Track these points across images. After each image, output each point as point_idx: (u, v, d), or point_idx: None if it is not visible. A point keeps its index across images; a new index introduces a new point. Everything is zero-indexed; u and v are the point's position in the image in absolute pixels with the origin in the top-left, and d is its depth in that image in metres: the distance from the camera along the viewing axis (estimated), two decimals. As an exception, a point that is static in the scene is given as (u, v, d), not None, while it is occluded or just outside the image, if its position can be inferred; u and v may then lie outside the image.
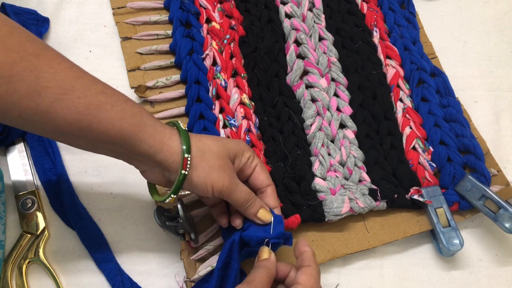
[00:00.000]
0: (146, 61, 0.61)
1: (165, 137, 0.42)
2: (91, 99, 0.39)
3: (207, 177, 0.43)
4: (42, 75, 0.37)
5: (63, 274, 0.51)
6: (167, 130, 0.43)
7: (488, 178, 0.59)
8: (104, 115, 0.39)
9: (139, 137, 0.41)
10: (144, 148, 0.41)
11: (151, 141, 0.41)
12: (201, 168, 0.43)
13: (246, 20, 0.65)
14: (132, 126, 0.40)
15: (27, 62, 0.36)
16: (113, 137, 0.40)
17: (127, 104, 0.41)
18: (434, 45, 0.72)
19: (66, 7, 0.64)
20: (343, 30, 0.67)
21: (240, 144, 0.47)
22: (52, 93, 0.37)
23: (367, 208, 0.56)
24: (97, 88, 0.40)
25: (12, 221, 0.53)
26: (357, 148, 0.60)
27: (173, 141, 0.42)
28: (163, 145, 0.42)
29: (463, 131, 0.63)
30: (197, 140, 0.43)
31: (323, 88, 0.62)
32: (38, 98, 0.37)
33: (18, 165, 0.54)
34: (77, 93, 0.38)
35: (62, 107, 0.37)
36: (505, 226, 0.55)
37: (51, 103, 0.37)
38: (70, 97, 0.38)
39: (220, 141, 0.45)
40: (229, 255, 0.47)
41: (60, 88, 0.37)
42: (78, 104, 0.38)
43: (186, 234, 0.49)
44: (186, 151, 0.42)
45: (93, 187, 0.55)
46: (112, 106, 0.40)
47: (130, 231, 0.54)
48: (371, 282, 0.56)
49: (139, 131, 0.41)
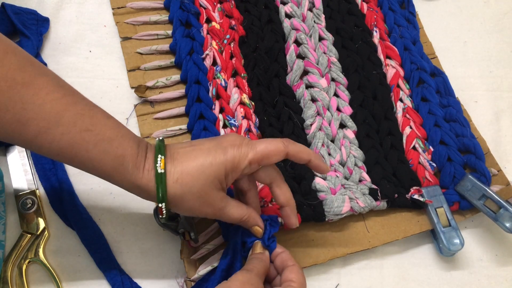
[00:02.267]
0: (146, 61, 0.61)
1: (142, 183, 0.41)
2: (75, 137, 0.39)
3: (190, 212, 0.44)
4: (28, 106, 0.37)
5: (63, 274, 0.51)
6: (144, 175, 0.41)
7: (488, 177, 0.59)
8: (85, 155, 0.39)
9: (116, 179, 0.41)
10: (125, 187, 0.42)
11: (129, 186, 0.42)
12: (181, 208, 0.43)
13: (246, 20, 0.65)
14: (112, 169, 0.40)
15: (14, 91, 0.36)
16: (95, 173, 0.41)
17: (111, 145, 0.40)
18: (434, 45, 0.72)
19: (66, 7, 0.64)
20: (343, 30, 0.67)
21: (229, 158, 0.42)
22: (36, 125, 0.37)
23: (368, 207, 0.56)
24: (83, 124, 0.39)
25: (12, 221, 0.52)
26: (357, 148, 0.60)
27: (149, 189, 0.41)
28: (140, 191, 0.42)
29: (463, 131, 0.63)
30: (175, 181, 0.41)
31: (323, 88, 0.62)
32: (23, 129, 0.37)
33: (18, 165, 0.54)
34: (61, 128, 0.38)
35: (46, 141, 0.38)
36: (505, 225, 0.55)
37: (35, 135, 0.37)
38: (53, 132, 0.38)
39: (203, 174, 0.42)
40: (233, 256, 0.47)
41: (44, 121, 0.37)
42: (61, 140, 0.38)
43: (186, 233, 0.49)
44: (160, 202, 0.42)
45: (93, 187, 0.55)
46: (95, 146, 0.39)
47: (130, 231, 0.54)
48: (371, 282, 0.56)
49: (117, 175, 0.41)
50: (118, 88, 0.60)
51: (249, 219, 0.46)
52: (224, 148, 0.43)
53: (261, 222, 0.47)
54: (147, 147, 0.43)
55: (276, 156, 0.44)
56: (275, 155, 0.44)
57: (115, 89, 0.60)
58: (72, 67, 0.60)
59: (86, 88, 0.59)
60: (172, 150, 0.43)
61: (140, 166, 0.41)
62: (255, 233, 0.47)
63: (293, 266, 0.44)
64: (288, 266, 0.44)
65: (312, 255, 0.54)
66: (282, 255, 0.46)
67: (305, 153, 0.45)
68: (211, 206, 0.43)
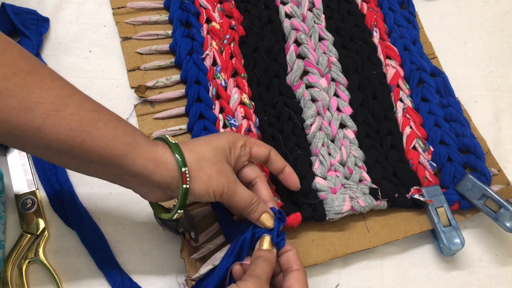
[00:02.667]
0: (146, 61, 0.61)
1: (159, 155, 0.41)
2: (84, 116, 0.38)
3: (208, 185, 0.43)
4: (34, 91, 0.36)
5: (63, 274, 0.51)
6: (160, 148, 0.42)
7: (488, 177, 0.59)
8: (97, 132, 0.38)
9: (132, 157, 0.40)
10: (139, 169, 0.40)
11: (145, 161, 0.40)
12: (200, 178, 0.43)
13: (246, 20, 0.65)
14: (125, 146, 0.40)
15: (19, 78, 0.36)
16: (106, 156, 0.39)
17: (120, 123, 0.41)
18: (434, 45, 0.72)
19: (66, 7, 0.64)
20: (343, 30, 0.67)
21: (229, 137, 0.46)
22: (44, 109, 0.36)
23: (368, 207, 0.56)
24: (90, 106, 0.39)
25: (12, 221, 0.52)
26: (357, 147, 0.60)
27: (167, 158, 0.42)
28: (158, 164, 0.41)
29: (463, 130, 0.63)
30: (189, 150, 0.43)
31: (323, 88, 0.62)
32: (30, 114, 0.36)
33: (18, 165, 0.54)
34: (70, 109, 0.37)
35: (54, 124, 0.37)
36: (506, 225, 0.55)
37: (43, 119, 0.36)
38: (62, 114, 0.37)
39: (211, 144, 0.44)
40: (239, 253, 0.46)
41: (52, 104, 0.37)
42: (70, 121, 0.37)
43: (186, 233, 0.49)
44: (183, 165, 0.41)
45: (93, 187, 0.55)
46: (105, 124, 0.39)
47: (130, 231, 0.54)
48: (371, 282, 0.56)
49: (132, 150, 0.40)
50: (118, 88, 0.60)
51: (259, 203, 0.46)
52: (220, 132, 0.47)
53: (270, 211, 0.47)
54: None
55: (264, 148, 0.48)
56: (263, 147, 0.49)
57: (115, 89, 0.60)
58: (72, 67, 0.60)
59: (86, 88, 0.58)
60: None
61: (151, 141, 0.42)
62: (264, 222, 0.46)
63: (298, 271, 0.44)
64: (294, 271, 0.44)
65: (312, 255, 0.54)
66: (289, 254, 0.45)
67: (283, 160, 0.50)
68: (226, 176, 0.44)
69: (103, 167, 0.40)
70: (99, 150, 0.38)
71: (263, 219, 0.46)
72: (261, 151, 0.48)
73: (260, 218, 0.46)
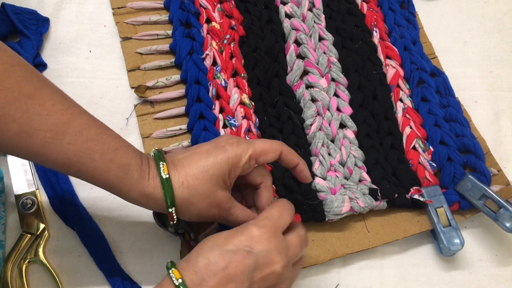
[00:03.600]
0: (146, 61, 0.61)
1: (149, 191, 0.41)
2: (81, 146, 0.39)
3: (198, 217, 0.44)
4: (34, 117, 0.37)
5: (63, 274, 0.51)
6: (150, 183, 0.41)
7: (488, 177, 0.59)
8: (92, 164, 0.39)
9: (123, 190, 0.41)
10: (132, 197, 0.42)
11: (136, 196, 0.41)
12: (189, 212, 0.43)
13: (246, 20, 0.65)
14: (118, 179, 0.40)
15: (21, 103, 0.36)
16: (100, 183, 0.41)
17: (116, 154, 0.41)
18: (434, 45, 0.72)
19: (66, 7, 0.64)
20: (343, 30, 0.67)
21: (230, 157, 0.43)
22: (43, 136, 0.37)
23: (368, 207, 0.56)
24: (89, 134, 0.39)
25: (12, 221, 0.52)
26: (357, 148, 0.60)
27: (156, 195, 0.41)
28: (147, 199, 0.42)
29: (463, 131, 0.63)
30: (181, 184, 0.42)
31: (323, 88, 0.62)
32: (29, 140, 0.37)
33: (18, 165, 0.54)
34: (67, 138, 0.38)
35: (52, 152, 0.38)
36: (505, 225, 0.55)
37: (41, 146, 0.37)
38: (60, 142, 0.38)
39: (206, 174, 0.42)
40: None
41: (50, 132, 0.37)
42: (67, 150, 0.38)
43: (186, 233, 0.49)
44: (170, 207, 0.42)
45: (93, 187, 0.54)
46: (101, 156, 0.40)
47: (130, 231, 0.54)
48: (371, 282, 0.56)
49: (124, 185, 0.41)
50: (118, 88, 0.60)
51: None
52: (223, 147, 0.43)
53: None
54: (148, 157, 0.44)
55: (272, 154, 0.45)
56: (271, 152, 0.45)
57: (115, 89, 0.60)
58: (72, 67, 0.60)
59: (86, 88, 0.59)
60: (171, 158, 0.43)
61: (145, 175, 0.42)
62: None
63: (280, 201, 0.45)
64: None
65: (312, 255, 0.54)
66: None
67: (296, 156, 0.47)
68: (218, 206, 0.43)
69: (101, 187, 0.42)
70: (93, 178, 0.40)
71: None
72: (268, 157, 0.45)
73: None
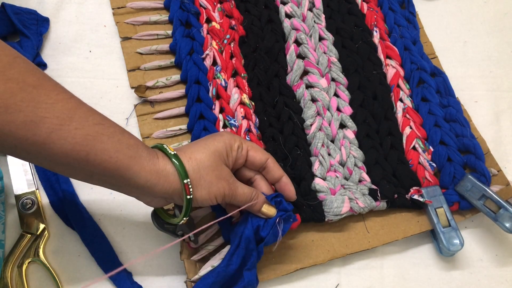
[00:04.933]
0: (146, 61, 0.61)
1: (160, 167, 0.42)
2: (89, 130, 0.39)
3: (209, 192, 0.44)
4: (40, 105, 0.37)
5: (63, 274, 0.51)
6: (160, 160, 0.43)
7: (488, 178, 0.59)
8: (101, 146, 0.39)
9: (134, 170, 0.41)
10: (142, 182, 0.41)
11: (148, 174, 0.41)
12: (201, 186, 0.44)
13: (246, 20, 0.65)
14: (128, 159, 0.40)
15: (26, 93, 0.36)
16: (109, 169, 0.40)
17: (124, 136, 0.41)
18: (434, 45, 0.72)
19: (66, 7, 0.64)
20: (343, 30, 0.67)
21: (225, 139, 0.46)
22: (50, 123, 0.37)
23: (367, 208, 0.56)
24: (95, 119, 0.40)
25: (12, 221, 0.52)
26: (357, 148, 0.60)
27: (168, 171, 0.42)
28: (159, 176, 0.42)
29: (463, 131, 0.63)
30: (188, 159, 0.44)
31: (323, 88, 0.62)
32: (36, 129, 0.36)
33: (18, 165, 0.54)
34: (74, 123, 0.38)
35: (59, 138, 0.37)
36: (505, 226, 0.55)
37: (48, 134, 0.37)
38: (67, 128, 0.38)
39: (208, 149, 0.45)
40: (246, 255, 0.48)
41: (57, 119, 0.37)
42: (75, 135, 0.38)
43: (186, 235, 0.49)
44: (185, 177, 0.42)
45: (93, 187, 0.55)
46: (109, 137, 0.40)
47: (130, 231, 0.54)
48: (371, 282, 0.56)
49: (135, 164, 0.41)
50: (118, 88, 0.60)
51: (259, 195, 0.47)
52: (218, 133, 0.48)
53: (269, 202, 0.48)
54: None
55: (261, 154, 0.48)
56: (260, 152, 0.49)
57: (115, 89, 0.60)
58: (72, 67, 0.60)
59: (86, 88, 0.59)
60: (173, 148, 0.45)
61: (153, 153, 0.43)
62: (266, 212, 0.47)
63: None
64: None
65: (312, 255, 0.54)
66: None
67: (281, 170, 0.50)
68: (225, 179, 0.45)
69: (107, 179, 0.41)
70: (103, 163, 0.39)
71: (264, 210, 0.47)
72: (258, 156, 0.48)
73: (262, 209, 0.47)
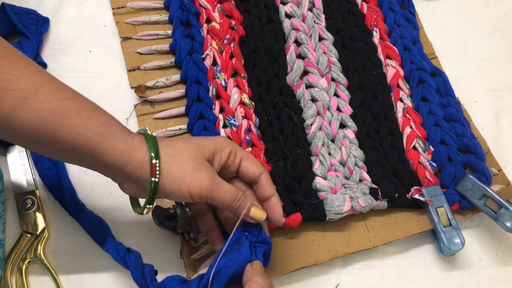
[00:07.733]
0: (146, 61, 0.61)
1: (132, 147, 0.39)
2: (55, 105, 0.36)
3: (180, 182, 0.40)
4: (4, 77, 0.35)
5: (63, 274, 0.51)
6: (135, 139, 0.40)
7: (488, 177, 0.59)
8: (68, 122, 0.37)
9: (103, 148, 0.38)
10: (110, 160, 0.39)
11: (117, 153, 0.39)
12: (172, 173, 0.40)
13: (246, 20, 0.65)
14: (97, 136, 0.38)
15: None
16: (77, 146, 0.38)
17: (95, 113, 0.39)
18: (434, 45, 0.72)
19: (66, 7, 0.64)
20: (343, 30, 0.67)
21: (218, 140, 0.44)
22: (14, 95, 0.35)
23: (368, 207, 0.56)
24: (63, 94, 0.37)
25: (12, 221, 0.52)
26: (357, 147, 0.60)
27: (140, 150, 0.39)
28: (130, 155, 0.39)
29: (463, 130, 0.63)
30: (166, 145, 0.41)
31: (323, 88, 0.62)
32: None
33: (18, 165, 0.54)
34: (40, 97, 0.36)
35: (24, 112, 0.35)
36: (506, 225, 0.55)
37: (12, 107, 0.35)
38: (32, 102, 0.36)
39: (193, 142, 0.42)
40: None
41: (22, 91, 0.35)
42: (40, 110, 0.36)
43: (186, 233, 0.49)
44: (154, 157, 0.39)
45: (93, 187, 0.55)
46: (78, 114, 0.37)
47: (130, 231, 0.54)
48: (371, 282, 0.56)
49: (104, 141, 0.38)
50: (118, 88, 0.60)
51: (246, 197, 0.43)
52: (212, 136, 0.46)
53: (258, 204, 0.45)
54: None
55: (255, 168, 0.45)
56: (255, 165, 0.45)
57: (115, 89, 0.60)
58: (72, 67, 0.60)
59: (86, 88, 0.59)
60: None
61: (127, 132, 0.40)
62: (254, 217, 0.43)
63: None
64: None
65: (313, 255, 0.54)
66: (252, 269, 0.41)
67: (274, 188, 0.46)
68: (205, 174, 0.41)
69: (77, 157, 0.39)
70: (70, 140, 0.37)
71: (252, 214, 0.43)
72: (251, 168, 0.45)
73: (250, 214, 0.43)
